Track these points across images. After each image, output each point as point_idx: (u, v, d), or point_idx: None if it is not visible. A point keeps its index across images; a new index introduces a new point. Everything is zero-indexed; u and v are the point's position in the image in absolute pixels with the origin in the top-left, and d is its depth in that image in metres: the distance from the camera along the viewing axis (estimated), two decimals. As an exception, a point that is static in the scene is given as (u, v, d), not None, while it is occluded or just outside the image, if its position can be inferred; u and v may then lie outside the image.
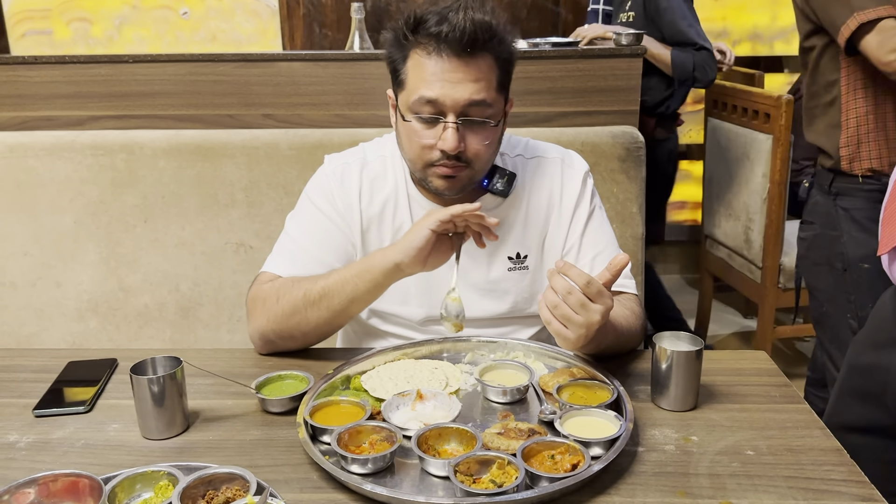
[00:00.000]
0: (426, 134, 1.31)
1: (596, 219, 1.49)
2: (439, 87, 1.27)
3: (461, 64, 1.26)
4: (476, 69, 1.27)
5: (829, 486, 1.00)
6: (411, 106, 1.31)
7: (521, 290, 1.48)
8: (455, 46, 1.25)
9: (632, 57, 2.05)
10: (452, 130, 1.28)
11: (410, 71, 1.30)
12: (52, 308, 2.02)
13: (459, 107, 1.28)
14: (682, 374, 1.18)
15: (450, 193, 1.37)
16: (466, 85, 1.27)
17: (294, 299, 1.34)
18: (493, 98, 1.30)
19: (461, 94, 1.27)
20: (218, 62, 2.07)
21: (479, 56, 1.27)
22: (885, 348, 1.31)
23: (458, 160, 1.31)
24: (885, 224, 1.18)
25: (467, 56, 1.26)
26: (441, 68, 1.27)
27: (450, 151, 1.29)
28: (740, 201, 3.03)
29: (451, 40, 1.25)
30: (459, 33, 1.24)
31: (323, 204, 1.46)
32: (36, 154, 1.97)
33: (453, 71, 1.26)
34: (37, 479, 0.94)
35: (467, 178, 1.36)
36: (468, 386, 1.27)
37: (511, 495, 0.94)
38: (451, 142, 1.28)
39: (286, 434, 1.14)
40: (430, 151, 1.32)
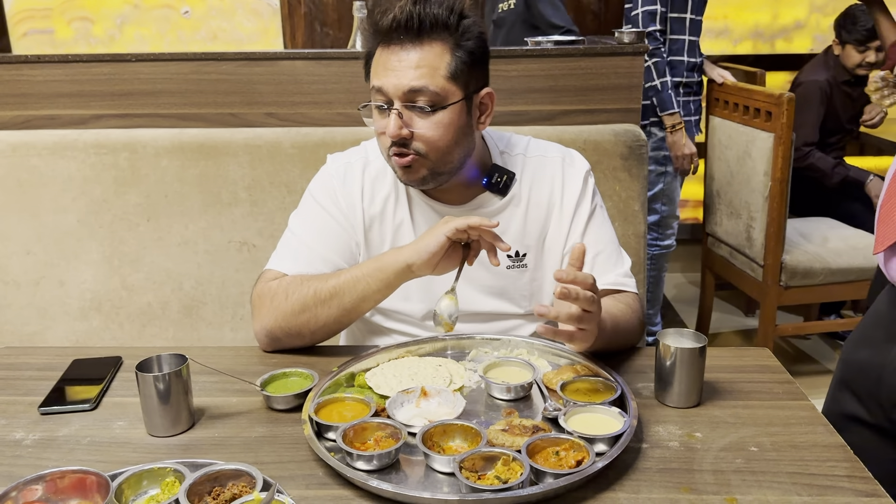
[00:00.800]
0: (380, 123, 1.35)
1: (597, 218, 1.49)
2: (384, 76, 1.31)
3: (403, 52, 1.30)
4: (419, 56, 1.30)
5: (833, 481, 1.01)
6: (371, 97, 1.35)
7: (519, 288, 1.49)
8: (400, 35, 1.30)
9: (633, 55, 2.05)
10: (394, 116, 1.31)
11: (373, 64, 1.36)
12: (56, 307, 2.02)
13: (401, 93, 1.30)
14: (685, 371, 1.18)
15: (408, 183, 1.39)
16: (407, 72, 1.30)
17: (304, 297, 1.35)
18: (438, 85, 1.30)
19: (401, 81, 1.30)
20: (220, 61, 2.07)
21: (424, 43, 1.30)
22: (880, 345, 1.31)
23: (405, 147, 1.33)
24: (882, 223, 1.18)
25: (409, 44, 1.30)
26: (387, 58, 1.31)
27: (390, 137, 1.32)
28: (742, 199, 3.03)
29: (395, 29, 1.30)
30: (400, 22, 1.29)
31: (327, 202, 1.47)
32: (39, 153, 1.98)
33: (397, 60, 1.30)
34: (44, 475, 0.95)
35: (424, 168, 1.36)
36: (472, 383, 1.27)
37: (516, 491, 0.95)
38: (391, 127, 1.31)
39: (291, 431, 1.14)
40: (384, 139, 1.35)
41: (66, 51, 4.25)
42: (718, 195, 3.23)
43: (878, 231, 1.19)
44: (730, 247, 3.19)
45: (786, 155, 2.78)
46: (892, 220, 1.16)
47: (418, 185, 1.39)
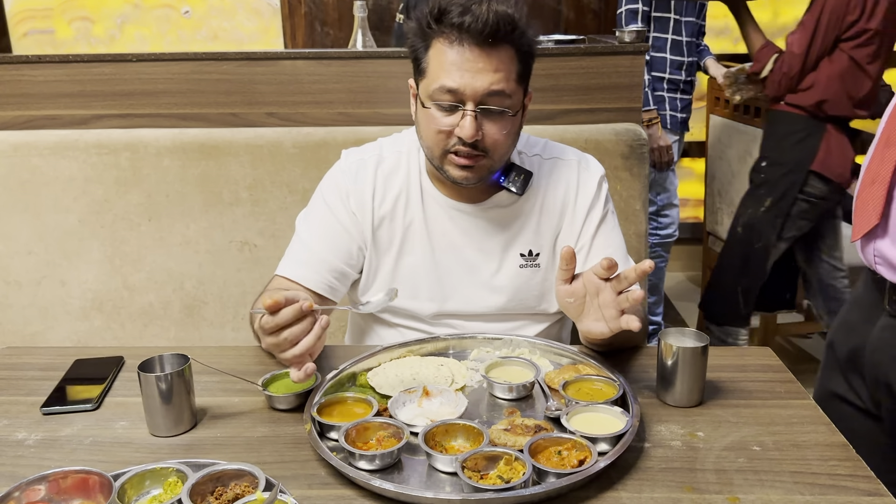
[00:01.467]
0: (444, 121, 1.32)
1: (608, 223, 1.50)
2: (459, 77, 1.29)
3: (482, 54, 1.28)
4: (496, 60, 1.29)
5: (835, 480, 1.01)
6: (431, 94, 1.32)
7: (531, 288, 1.49)
8: (477, 37, 1.27)
9: (634, 54, 2.05)
10: (471, 118, 1.30)
11: (432, 60, 1.32)
12: (57, 307, 2.02)
13: (479, 96, 1.29)
14: (687, 371, 1.18)
15: (467, 183, 1.38)
16: (486, 75, 1.29)
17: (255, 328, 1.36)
18: (511, 89, 1.32)
19: (481, 84, 1.29)
20: (221, 61, 2.07)
21: (499, 47, 1.29)
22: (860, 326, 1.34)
23: (474, 148, 1.32)
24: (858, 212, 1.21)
25: (488, 47, 1.28)
26: (462, 58, 1.29)
27: (467, 139, 1.30)
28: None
29: (473, 31, 1.27)
30: (482, 24, 1.26)
31: (335, 203, 1.47)
32: (40, 153, 1.98)
33: (474, 61, 1.28)
34: (47, 475, 0.95)
35: (486, 169, 1.36)
36: (474, 382, 1.27)
37: (518, 491, 0.95)
38: (468, 129, 1.30)
39: (293, 431, 1.15)
40: (447, 138, 1.33)
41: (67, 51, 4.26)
42: (719, 194, 3.23)
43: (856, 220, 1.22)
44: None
45: None
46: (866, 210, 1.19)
47: (474, 183, 1.38)
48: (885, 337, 1.25)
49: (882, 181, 1.17)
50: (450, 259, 1.46)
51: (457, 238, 1.46)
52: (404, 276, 1.47)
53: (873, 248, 1.20)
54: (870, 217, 1.19)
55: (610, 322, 1.16)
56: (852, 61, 2.47)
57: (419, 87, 1.37)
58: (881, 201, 1.17)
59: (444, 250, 1.46)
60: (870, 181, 1.20)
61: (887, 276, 1.19)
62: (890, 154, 1.16)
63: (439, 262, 1.46)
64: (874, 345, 1.28)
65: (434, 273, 1.46)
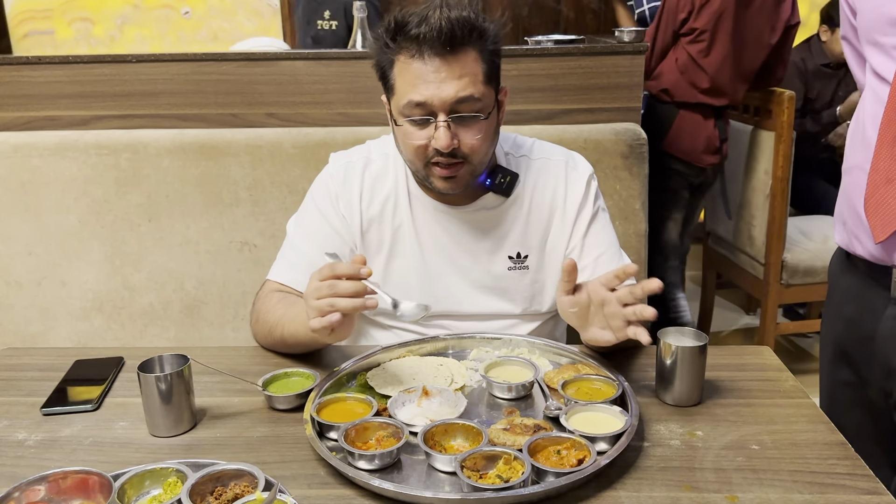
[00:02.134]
0: (419, 135, 1.32)
1: (599, 221, 1.49)
2: (425, 89, 1.28)
3: (443, 63, 1.27)
4: (459, 66, 1.28)
5: (834, 479, 1.01)
6: (402, 110, 1.32)
7: (520, 290, 1.49)
8: (435, 46, 1.26)
9: (634, 54, 2.05)
10: (444, 129, 1.29)
11: (398, 76, 1.31)
12: (58, 307, 2.02)
13: (447, 105, 1.28)
14: (686, 370, 1.19)
15: (452, 191, 1.38)
16: (451, 83, 1.27)
17: (265, 329, 1.39)
18: (480, 92, 1.30)
19: (447, 93, 1.28)
20: (221, 61, 2.07)
21: (461, 52, 1.28)
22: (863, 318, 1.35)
23: (453, 157, 1.32)
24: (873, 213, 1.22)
25: (449, 54, 1.27)
26: (425, 70, 1.27)
27: (443, 149, 1.30)
28: (743, 198, 3.03)
29: (430, 40, 1.26)
30: (437, 32, 1.25)
31: (325, 206, 1.47)
32: (40, 154, 1.98)
33: (437, 71, 1.27)
34: (47, 476, 0.95)
35: (468, 175, 1.36)
36: (473, 382, 1.27)
37: (517, 490, 0.95)
38: (443, 140, 1.29)
39: (293, 431, 1.15)
40: (425, 151, 1.33)
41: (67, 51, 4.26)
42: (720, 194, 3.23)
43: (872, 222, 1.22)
44: (731, 245, 3.19)
45: (786, 153, 2.78)
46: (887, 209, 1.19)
47: (457, 191, 1.38)
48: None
49: None
50: (439, 261, 1.46)
51: (445, 241, 1.46)
52: (395, 279, 1.48)
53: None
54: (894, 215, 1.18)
55: (617, 332, 1.16)
56: (689, 55, 2.67)
57: (390, 103, 1.36)
58: None
59: (433, 253, 1.47)
60: (884, 181, 1.18)
61: None
62: None
63: (429, 265, 1.47)
64: (885, 334, 1.28)
65: (424, 275, 1.46)
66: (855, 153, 1.28)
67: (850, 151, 1.30)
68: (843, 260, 1.39)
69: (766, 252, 2.91)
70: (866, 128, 1.24)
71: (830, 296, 1.45)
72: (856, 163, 1.27)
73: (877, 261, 1.26)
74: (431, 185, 1.38)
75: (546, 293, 1.50)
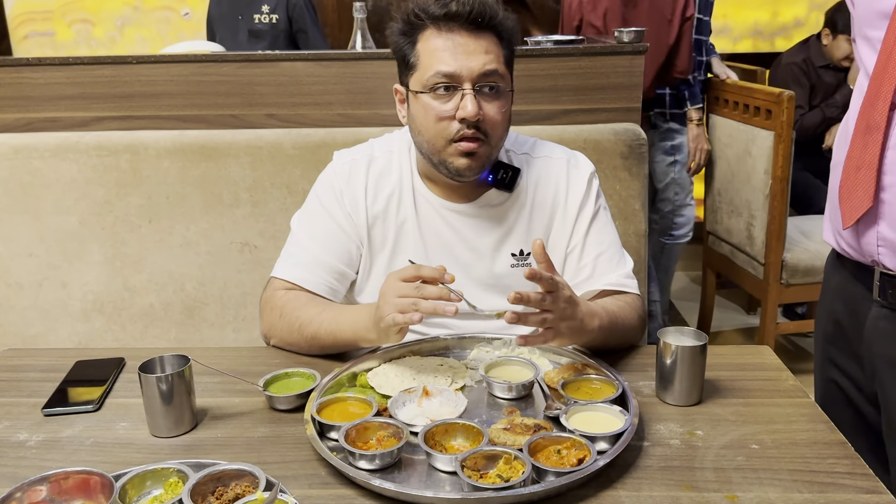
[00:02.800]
0: (443, 108, 1.34)
1: (600, 219, 1.50)
2: (454, 60, 1.32)
3: (471, 37, 1.33)
4: (486, 42, 1.34)
5: (834, 478, 1.01)
6: (426, 82, 1.34)
7: (524, 287, 1.48)
8: (464, 22, 1.32)
9: (633, 54, 2.06)
10: (471, 96, 1.32)
11: (422, 52, 1.35)
12: (58, 308, 2.03)
13: (475, 76, 1.32)
14: (686, 369, 1.19)
15: (469, 173, 1.38)
16: (479, 56, 1.33)
17: (291, 325, 1.39)
18: (503, 70, 1.36)
19: (475, 64, 1.32)
20: (221, 62, 2.07)
21: (486, 32, 1.34)
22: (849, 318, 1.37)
23: (477, 129, 1.34)
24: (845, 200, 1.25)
25: (476, 31, 1.33)
26: (454, 43, 1.33)
27: (470, 118, 1.32)
28: (742, 198, 3.03)
29: (460, 15, 1.32)
30: (469, 9, 1.31)
31: (330, 203, 1.48)
32: (41, 155, 1.98)
33: (465, 44, 1.33)
34: (48, 476, 0.95)
35: (485, 156, 1.38)
36: (474, 382, 1.27)
37: (518, 490, 0.95)
38: (470, 108, 1.31)
39: (294, 431, 1.15)
40: (448, 125, 1.34)
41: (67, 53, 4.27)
42: (719, 194, 3.23)
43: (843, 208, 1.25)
44: (731, 245, 3.19)
45: (786, 153, 2.78)
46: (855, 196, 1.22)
47: (474, 173, 1.39)
48: (881, 327, 1.26)
49: (869, 166, 1.18)
50: (443, 258, 1.47)
51: (449, 237, 1.47)
52: None
53: (876, 236, 1.21)
54: (861, 202, 1.20)
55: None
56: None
57: (410, 81, 1.38)
58: (871, 185, 1.19)
59: (437, 249, 1.47)
60: (854, 168, 1.21)
61: (889, 263, 1.20)
62: (874, 139, 1.17)
63: (432, 262, 1.47)
64: (870, 335, 1.29)
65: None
66: (840, 149, 1.29)
67: (837, 147, 1.32)
68: (833, 259, 1.40)
69: (765, 252, 2.91)
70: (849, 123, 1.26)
71: (822, 294, 1.46)
72: (839, 158, 1.28)
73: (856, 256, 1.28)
74: (448, 167, 1.38)
75: None
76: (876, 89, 1.17)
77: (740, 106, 3.01)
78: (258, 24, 3.42)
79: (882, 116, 1.16)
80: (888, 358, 1.26)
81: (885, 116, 1.15)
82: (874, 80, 1.18)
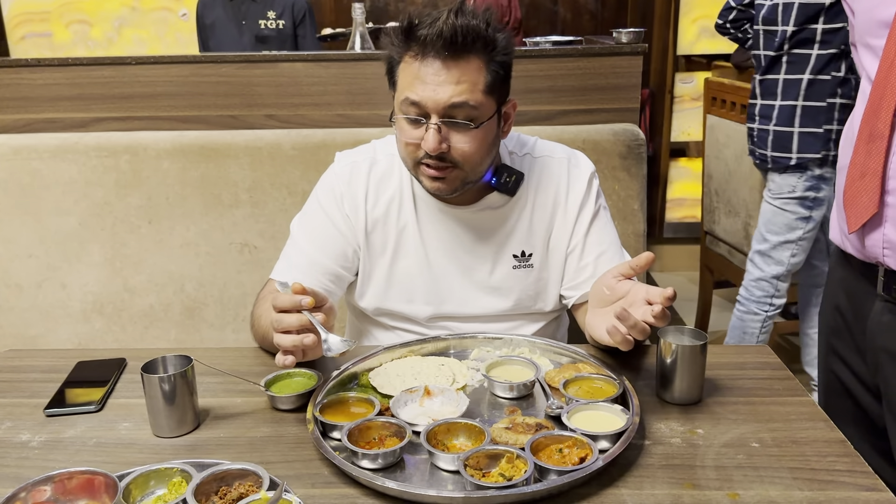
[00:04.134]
0: (412, 134, 1.33)
1: (601, 219, 1.50)
2: (421, 90, 1.29)
3: (443, 67, 1.28)
4: (459, 72, 1.28)
5: (834, 476, 1.02)
6: (399, 106, 1.33)
7: (525, 288, 1.50)
8: (437, 49, 1.27)
9: (632, 55, 2.06)
10: (433, 131, 1.29)
11: (401, 74, 1.33)
12: (58, 309, 2.03)
13: (441, 108, 1.29)
14: (686, 369, 1.19)
15: (441, 193, 1.38)
16: (447, 87, 1.28)
17: (258, 332, 1.42)
18: (477, 100, 1.30)
19: (442, 96, 1.28)
20: (220, 63, 2.08)
21: (462, 59, 1.28)
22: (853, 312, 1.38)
23: (441, 160, 1.32)
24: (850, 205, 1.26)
25: (450, 59, 1.27)
26: (424, 71, 1.29)
27: (430, 152, 1.30)
28: (740, 198, 3.04)
29: (433, 43, 1.26)
30: (439, 36, 1.26)
31: (328, 205, 1.48)
32: (40, 156, 1.98)
33: (435, 74, 1.28)
34: (53, 476, 0.95)
35: (458, 180, 1.36)
36: (475, 382, 1.28)
37: (520, 488, 0.95)
38: (430, 142, 1.30)
39: (296, 431, 1.15)
40: (415, 150, 1.34)
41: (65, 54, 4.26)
42: (717, 193, 3.24)
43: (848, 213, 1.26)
44: (728, 245, 3.20)
45: None
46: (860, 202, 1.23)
47: (447, 194, 1.39)
48: (884, 321, 1.28)
49: (874, 173, 1.20)
50: (444, 262, 1.47)
51: (450, 241, 1.47)
52: (399, 280, 1.48)
53: (882, 238, 1.22)
54: (866, 207, 1.22)
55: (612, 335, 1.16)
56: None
57: (393, 98, 1.38)
58: (876, 192, 1.20)
59: (438, 253, 1.47)
60: (859, 175, 1.23)
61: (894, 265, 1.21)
62: (877, 147, 1.19)
63: (434, 265, 1.47)
64: (873, 330, 1.30)
65: (429, 276, 1.47)
66: (845, 153, 1.30)
67: (842, 152, 1.33)
68: (838, 253, 1.41)
69: None
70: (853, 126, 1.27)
71: (826, 287, 1.48)
72: (845, 162, 1.30)
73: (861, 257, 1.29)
74: (423, 185, 1.39)
75: (549, 291, 1.51)
76: (878, 98, 1.18)
77: (737, 106, 3.02)
78: (265, 30, 3.47)
79: (886, 125, 1.17)
80: (892, 351, 1.27)
81: (888, 125, 1.17)
82: (876, 90, 1.19)
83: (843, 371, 1.41)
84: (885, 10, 1.17)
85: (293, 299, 1.16)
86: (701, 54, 4.18)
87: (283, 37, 3.49)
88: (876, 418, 1.35)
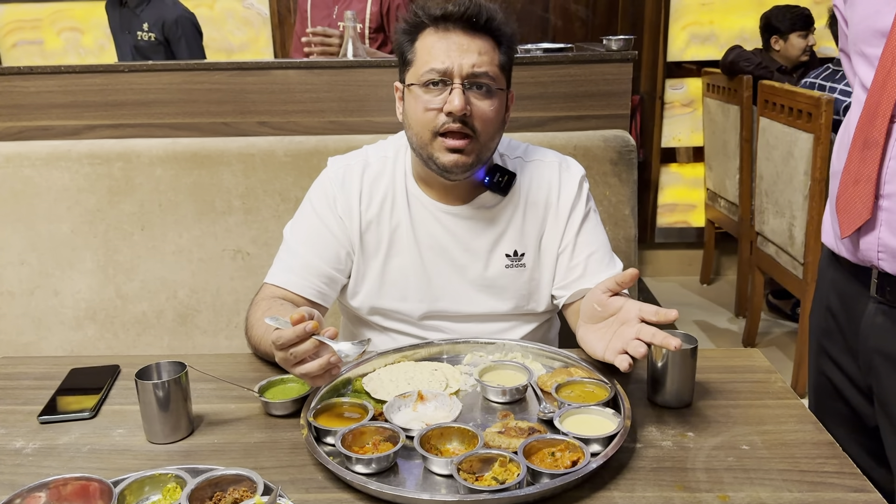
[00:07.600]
0: (432, 101, 1.36)
1: (591, 220, 1.52)
2: (447, 58, 1.35)
3: (466, 37, 1.36)
4: (480, 45, 1.37)
5: (823, 478, 1.03)
6: (420, 77, 1.37)
7: (518, 287, 1.51)
8: (461, 23, 1.36)
9: (622, 62, 2.08)
10: (458, 91, 1.34)
11: (419, 49, 1.39)
12: (50, 316, 2.02)
13: (465, 72, 1.35)
14: (677, 372, 1.20)
15: (457, 170, 1.39)
16: (472, 55, 1.36)
17: (252, 340, 1.42)
18: (495, 73, 1.38)
19: (467, 62, 1.35)
20: (213, 70, 2.08)
21: (482, 36, 1.37)
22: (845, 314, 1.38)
23: (464, 124, 1.35)
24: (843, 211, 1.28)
25: (473, 32, 1.37)
26: (448, 42, 1.36)
27: (456, 111, 1.34)
28: (786, 198, 3.06)
29: (457, 17, 1.36)
30: (464, 10, 1.35)
31: (322, 208, 1.49)
32: (32, 163, 1.98)
33: (460, 43, 1.36)
34: (47, 483, 0.96)
35: (474, 155, 1.38)
36: (468, 386, 1.29)
37: (513, 492, 0.96)
38: (457, 102, 1.33)
39: (290, 436, 1.16)
40: (435, 116, 1.36)
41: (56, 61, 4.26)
42: (766, 194, 3.25)
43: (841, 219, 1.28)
44: (776, 245, 3.21)
45: (824, 155, 2.79)
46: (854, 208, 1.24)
47: (461, 171, 1.39)
48: (877, 323, 1.29)
49: (867, 180, 1.21)
50: (437, 260, 1.48)
51: (443, 239, 1.48)
52: (393, 279, 1.50)
53: (877, 242, 1.24)
54: (859, 214, 1.24)
55: (608, 352, 1.20)
56: None
57: (407, 76, 1.41)
58: (870, 198, 1.21)
59: (431, 251, 1.48)
60: (852, 182, 1.24)
61: (889, 268, 1.23)
62: (872, 154, 1.20)
63: (427, 264, 1.48)
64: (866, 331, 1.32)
65: (422, 274, 1.48)
66: (839, 159, 1.32)
67: (836, 157, 1.34)
68: (828, 254, 1.43)
69: (805, 252, 2.94)
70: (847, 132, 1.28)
71: (817, 288, 1.49)
72: (838, 168, 1.31)
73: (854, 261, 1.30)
74: (435, 163, 1.39)
75: (541, 292, 1.52)
76: (874, 106, 1.19)
77: (785, 109, 3.04)
78: (141, 42, 3.68)
79: (881, 133, 1.18)
80: (884, 352, 1.28)
81: (883, 133, 1.18)
82: (871, 97, 1.20)
83: (834, 372, 1.42)
84: (882, 19, 1.19)
85: (296, 331, 1.10)
86: (691, 61, 4.21)
87: (157, 49, 3.67)
88: (866, 419, 1.36)
